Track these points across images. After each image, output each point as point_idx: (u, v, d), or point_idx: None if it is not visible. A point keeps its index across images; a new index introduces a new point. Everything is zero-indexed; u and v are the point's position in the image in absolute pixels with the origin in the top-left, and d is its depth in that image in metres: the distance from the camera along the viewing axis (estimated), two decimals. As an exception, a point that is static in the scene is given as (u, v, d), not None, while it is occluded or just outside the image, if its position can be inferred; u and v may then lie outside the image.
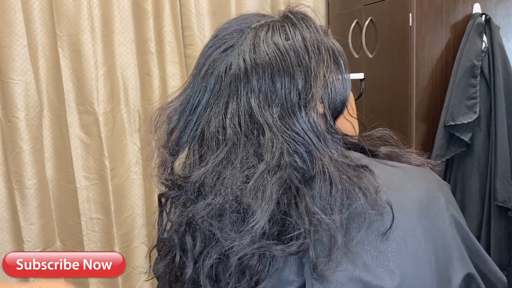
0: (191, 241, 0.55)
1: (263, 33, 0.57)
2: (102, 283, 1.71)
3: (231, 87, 0.56)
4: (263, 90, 0.55)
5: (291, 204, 0.50)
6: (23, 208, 1.57)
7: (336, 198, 0.50)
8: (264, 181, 0.51)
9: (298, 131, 0.53)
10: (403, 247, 0.50)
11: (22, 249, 1.56)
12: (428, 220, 0.52)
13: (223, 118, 0.55)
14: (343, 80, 0.59)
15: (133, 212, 1.70)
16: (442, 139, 1.51)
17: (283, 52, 0.55)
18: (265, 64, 0.55)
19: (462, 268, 0.53)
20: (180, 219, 0.56)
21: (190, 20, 1.71)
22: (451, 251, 0.53)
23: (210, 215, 0.52)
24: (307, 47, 0.56)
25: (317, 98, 0.55)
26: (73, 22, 1.55)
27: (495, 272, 0.58)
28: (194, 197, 0.54)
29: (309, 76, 0.55)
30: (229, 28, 0.60)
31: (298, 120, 0.53)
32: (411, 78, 1.50)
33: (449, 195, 0.57)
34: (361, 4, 1.74)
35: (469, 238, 0.56)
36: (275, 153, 0.51)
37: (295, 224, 0.50)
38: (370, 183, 0.52)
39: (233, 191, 0.52)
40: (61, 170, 1.65)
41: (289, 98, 0.54)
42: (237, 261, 0.51)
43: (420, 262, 0.51)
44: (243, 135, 0.54)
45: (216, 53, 0.58)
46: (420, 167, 0.60)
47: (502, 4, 1.52)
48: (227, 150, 0.54)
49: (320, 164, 0.51)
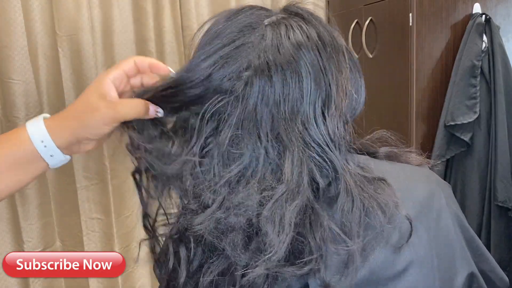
0: (185, 251, 0.52)
1: (282, 32, 0.51)
2: (102, 283, 1.71)
3: (249, 92, 0.50)
4: (288, 97, 0.49)
5: (305, 225, 0.47)
6: (23, 208, 1.57)
7: (355, 216, 0.47)
8: (283, 208, 0.46)
9: (322, 144, 0.49)
10: (406, 248, 0.50)
11: (22, 249, 1.56)
12: (430, 220, 0.52)
13: (239, 128, 0.50)
14: (359, 83, 0.56)
15: (133, 212, 1.70)
16: (442, 139, 1.51)
17: (308, 55, 0.50)
18: (292, 67, 0.49)
19: (465, 268, 0.53)
20: (175, 225, 0.53)
21: (190, 20, 1.71)
22: (454, 250, 0.53)
23: (217, 229, 0.48)
24: (327, 49, 0.52)
25: (341, 107, 0.51)
26: (73, 22, 1.54)
27: (496, 271, 0.58)
28: (196, 207, 0.50)
29: (332, 81, 0.51)
30: (235, 24, 0.53)
31: (322, 132, 0.49)
32: (411, 78, 1.50)
33: (450, 195, 0.57)
34: (361, 4, 1.74)
35: (471, 237, 0.56)
36: (295, 173, 0.47)
37: (309, 246, 0.47)
38: (389, 198, 0.49)
39: (247, 213, 0.47)
40: (61, 170, 1.64)
41: (313, 107, 0.49)
42: (241, 278, 0.48)
43: (423, 261, 0.50)
44: (263, 149, 0.49)
45: (223, 51, 0.51)
46: (420, 167, 0.59)
47: (502, 4, 1.52)
48: (244, 165, 0.49)
49: (343, 182, 0.48)
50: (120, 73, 0.56)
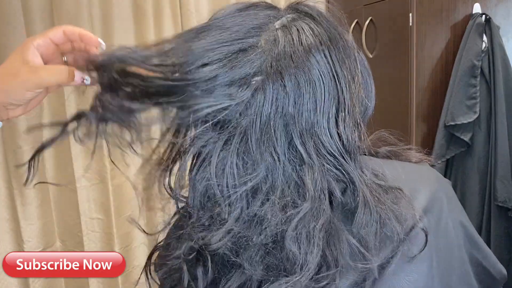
0: (201, 270, 0.50)
1: (295, 36, 0.48)
2: (102, 283, 1.71)
3: (261, 100, 0.46)
4: (302, 109, 0.46)
5: (324, 239, 0.46)
6: (23, 208, 1.57)
7: (372, 229, 0.46)
8: (309, 226, 0.45)
9: (338, 156, 0.47)
10: None
11: (22, 249, 1.56)
12: (430, 221, 0.52)
13: (250, 139, 0.46)
14: (369, 86, 0.55)
15: (133, 212, 1.70)
16: (442, 139, 1.51)
17: (321, 62, 0.47)
18: (306, 76, 0.47)
19: (461, 278, 0.54)
20: (189, 244, 0.49)
21: (190, 20, 1.71)
22: (452, 250, 0.53)
23: (235, 244, 0.46)
24: (340, 52, 0.49)
25: (354, 114, 0.49)
26: (73, 22, 1.54)
27: (494, 265, 0.59)
28: (208, 222, 0.47)
29: (345, 89, 0.48)
30: (240, 22, 0.49)
31: (337, 144, 0.47)
32: (411, 78, 1.50)
33: (450, 191, 0.57)
34: (361, 4, 1.74)
35: (470, 233, 0.56)
36: (318, 188, 0.45)
37: (326, 260, 0.46)
38: (407, 210, 0.48)
39: (271, 230, 0.45)
40: (61, 170, 1.64)
41: (327, 117, 0.47)
42: None
43: (422, 260, 0.50)
44: (281, 163, 0.46)
45: (226, 51, 0.47)
46: (419, 165, 0.59)
47: (502, 4, 1.52)
48: (259, 179, 0.46)
49: (362, 195, 0.47)
50: (46, 40, 0.56)
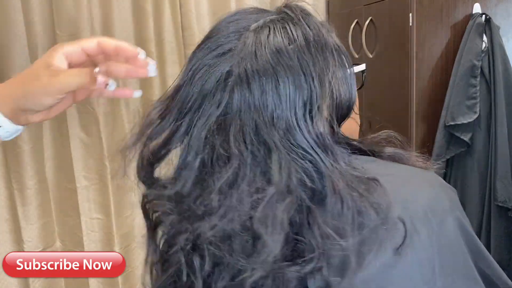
0: (199, 260, 0.51)
1: (263, 37, 0.52)
2: (102, 283, 1.71)
3: (232, 98, 0.51)
4: (267, 104, 0.50)
5: (303, 224, 0.48)
6: (23, 208, 1.57)
7: (348, 216, 0.48)
8: (274, 208, 0.47)
9: (306, 147, 0.49)
10: (409, 252, 0.49)
11: (22, 249, 1.56)
12: (433, 224, 0.52)
13: (226, 133, 0.50)
14: (348, 83, 0.56)
15: (133, 212, 1.70)
16: (442, 139, 1.51)
17: (286, 59, 0.50)
18: (269, 74, 0.50)
19: (465, 275, 0.53)
20: (185, 235, 0.51)
21: (190, 20, 1.71)
22: (456, 256, 0.53)
23: (217, 238, 0.49)
24: (311, 50, 0.52)
25: (324, 108, 0.51)
26: (73, 22, 1.54)
27: (500, 277, 0.58)
28: (201, 213, 0.50)
29: (314, 83, 0.51)
30: (225, 29, 0.54)
31: (305, 135, 0.49)
32: (411, 78, 1.50)
33: (454, 199, 0.56)
34: (361, 4, 1.74)
35: (474, 242, 0.55)
36: (283, 174, 0.48)
37: (308, 244, 0.47)
38: (381, 198, 0.49)
39: (241, 218, 0.48)
40: (61, 170, 1.65)
41: (294, 111, 0.50)
42: (251, 285, 0.48)
43: (424, 265, 0.50)
44: (249, 153, 0.49)
45: (210, 56, 0.52)
46: (424, 170, 0.59)
47: (502, 4, 1.52)
48: (233, 170, 0.49)
49: (330, 182, 0.48)
50: (76, 49, 0.54)
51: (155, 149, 0.55)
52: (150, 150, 0.55)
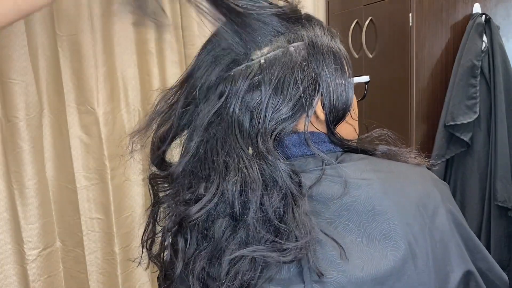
0: (183, 241, 0.55)
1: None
2: (102, 283, 1.71)
3: (240, 105, 0.55)
4: (251, 107, 0.54)
5: (287, 212, 0.50)
6: (23, 208, 1.57)
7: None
8: (258, 195, 0.51)
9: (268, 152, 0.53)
10: (402, 244, 0.50)
11: (22, 249, 1.56)
12: (425, 217, 0.53)
13: (233, 139, 0.54)
14: (346, 86, 0.58)
15: (133, 212, 1.70)
16: (442, 139, 1.51)
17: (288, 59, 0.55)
18: (254, 82, 0.55)
19: (460, 266, 0.54)
20: (172, 218, 0.56)
21: (190, 20, 1.71)
22: (449, 248, 0.54)
23: (201, 221, 0.53)
24: (312, 51, 0.56)
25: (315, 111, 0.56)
26: (73, 22, 1.54)
27: (495, 270, 0.58)
28: (187, 198, 0.54)
29: (309, 84, 0.55)
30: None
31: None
32: (411, 78, 1.50)
33: (446, 193, 0.57)
34: (361, 4, 1.74)
35: (468, 235, 0.56)
36: (275, 178, 0.51)
37: (294, 234, 0.49)
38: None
39: (231, 201, 0.52)
40: (61, 170, 1.64)
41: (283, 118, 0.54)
42: (228, 264, 0.50)
43: (418, 258, 0.51)
44: (241, 145, 0.53)
45: (218, 48, 0.57)
46: (417, 166, 0.60)
47: (502, 4, 1.52)
48: (227, 158, 0.53)
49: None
50: None
51: (163, 135, 0.60)
52: (159, 135, 0.60)
